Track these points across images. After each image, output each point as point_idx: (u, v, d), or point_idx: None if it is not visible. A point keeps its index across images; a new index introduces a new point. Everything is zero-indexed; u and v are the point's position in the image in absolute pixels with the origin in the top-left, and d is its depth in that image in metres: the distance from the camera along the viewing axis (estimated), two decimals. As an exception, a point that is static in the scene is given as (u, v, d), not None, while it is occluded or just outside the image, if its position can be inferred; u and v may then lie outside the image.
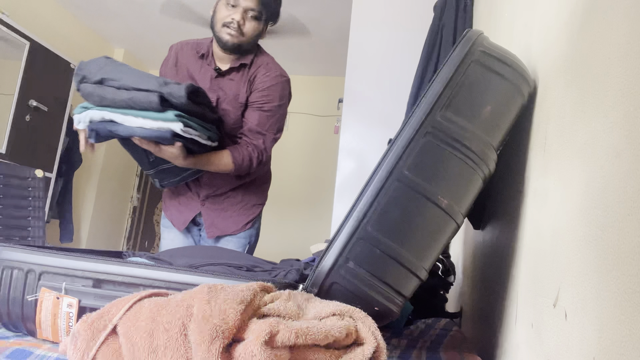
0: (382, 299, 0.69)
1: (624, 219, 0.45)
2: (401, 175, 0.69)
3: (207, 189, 1.71)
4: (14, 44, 3.13)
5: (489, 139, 0.74)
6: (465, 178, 0.73)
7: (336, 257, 0.67)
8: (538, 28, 0.84)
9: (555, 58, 0.73)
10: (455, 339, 1.01)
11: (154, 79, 1.29)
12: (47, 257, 0.75)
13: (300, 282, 0.78)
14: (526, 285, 0.74)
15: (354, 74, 2.34)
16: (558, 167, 0.65)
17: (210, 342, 0.50)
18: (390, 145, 0.72)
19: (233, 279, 0.71)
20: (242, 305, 0.54)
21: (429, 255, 0.72)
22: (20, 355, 0.67)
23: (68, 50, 3.69)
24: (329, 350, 0.55)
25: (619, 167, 0.47)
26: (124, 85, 1.27)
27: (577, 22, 0.64)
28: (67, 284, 0.72)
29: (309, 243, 5.14)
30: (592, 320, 0.49)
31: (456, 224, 0.73)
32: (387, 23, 2.35)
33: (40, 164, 3.25)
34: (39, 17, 3.59)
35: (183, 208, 1.74)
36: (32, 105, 3.21)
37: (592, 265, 0.51)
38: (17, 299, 0.74)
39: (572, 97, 0.63)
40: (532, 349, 0.67)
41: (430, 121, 0.71)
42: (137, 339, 0.55)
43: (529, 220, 0.76)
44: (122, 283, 0.72)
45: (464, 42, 0.76)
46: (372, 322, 0.58)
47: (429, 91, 0.73)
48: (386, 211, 0.68)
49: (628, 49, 0.48)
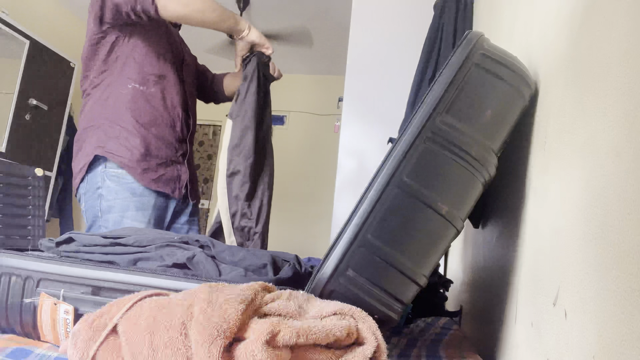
0: (382, 307, 0.69)
1: (624, 218, 0.45)
2: (401, 181, 0.68)
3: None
4: (13, 43, 3.12)
5: (489, 143, 0.74)
6: (465, 184, 0.73)
7: (335, 265, 0.67)
8: (538, 27, 0.84)
9: (556, 57, 0.73)
10: (455, 338, 1.01)
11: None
12: (46, 263, 0.75)
13: (294, 279, 0.78)
14: (526, 284, 0.74)
15: (354, 73, 2.34)
16: (558, 166, 0.65)
17: (210, 342, 0.50)
18: (390, 151, 0.71)
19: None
20: (243, 304, 0.54)
21: (429, 262, 0.72)
22: (20, 354, 0.67)
23: (68, 49, 3.68)
24: (329, 350, 0.55)
25: (619, 167, 0.48)
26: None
27: (577, 22, 0.64)
28: (65, 291, 0.72)
29: (309, 242, 5.15)
30: (592, 319, 0.50)
31: (456, 229, 0.73)
32: (387, 22, 2.35)
33: (40, 163, 3.25)
34: (38, 16, 3.59)
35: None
36: (32, 104, 3.21)
37: (592, 264, 0.51)
38: (16, 305, 0.74)
39: (572, 96, 0.63)
40: (532, 348, 0.67)
41: (430, 126, 0.70)
42: (137, 339, 0.55)
43: (528, 219, 0.77)
44: (121, 290, 0.72)
45: (465, 44, 0.75)
46: (373, 322, 0.58)
47: (429, 95, 0.72)
48: (386, 218, 0.68)
49: (628, 48, 0.48)
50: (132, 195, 1.43)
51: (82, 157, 1.45)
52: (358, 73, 2.34)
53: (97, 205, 1.43)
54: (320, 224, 4.47)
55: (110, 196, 1.42)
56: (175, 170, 1.53)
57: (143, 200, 1.45)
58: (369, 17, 2.38)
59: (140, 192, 1.44)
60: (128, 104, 1.44)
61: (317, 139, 4.97)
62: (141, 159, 1.43)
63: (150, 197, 1.46)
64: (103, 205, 1.43)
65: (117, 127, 1.43)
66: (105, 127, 1.43)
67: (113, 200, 1.42)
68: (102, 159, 1.43)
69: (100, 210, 1.43)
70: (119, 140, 1.42)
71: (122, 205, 1.43)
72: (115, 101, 1.44)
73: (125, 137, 1.42)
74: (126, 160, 1.42)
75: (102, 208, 1.43)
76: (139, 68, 1.46)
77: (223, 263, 0.83)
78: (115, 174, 1.43)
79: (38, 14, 3.59)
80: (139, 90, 1.45)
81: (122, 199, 1.42)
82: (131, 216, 1.43)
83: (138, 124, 1.44)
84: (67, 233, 0.89)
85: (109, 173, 1.43)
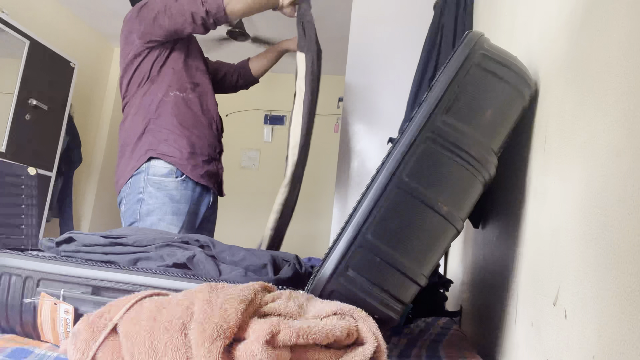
0: (382, 307, 0.68)
1: (624, 218, 0.45)
2: (401, 181, 0.68)
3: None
4: (13, 43, 3.12)
5: (489, 143, 0.74)
6: (465, 184, 0.72)
7: (335, 265, 0.67)
8: (538, 27, 0.84)
9: (556, 57, 0.73)
10: (455, 338, 1.01)
11: None
12: (46, 263, 0.75)
13: (294, 279, 0.78)
14: (526, 284, 0.74)
15: (354, 73, 2.34)
16: (558, 166, 0.65)
17: (211, 342, 0.50)
18: (390, 150, 0.71)
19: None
20: (243, 304, 0.54)
21: (429, 262, 0.72)
22: (20, 354, 0.67)
23: (68, 49, 3.68)
24: (329, 350, 0.55)
25: (619, 166, 0.48)
26: None
27: (578, 21, 0.64)
28: (65, 291, 0.72)
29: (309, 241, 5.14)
30: (592, 319, 0.50)
31: (456, 229, 0.73)
32: (387, 21, 2.35)
33: (40, 163, 3.25)
34: (38, 16, 3.59)
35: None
36: (31, 104, 3.20)
37: (592, 264, 0.51)
38: (16, 305, 0.74)
39: (572, 96, 0.63)
40: (532, 348, 0.67)
41: (430, 126, 0.70)
42: (137, 339, 0.55)
43: (528, 219, 0.76)
44: (121, 290, 0.72)
45: (465, 44, 0.75)
46: (373, 322, 0.58)
47: (429, 95, 0.72)
48: (386, 218, 0.68)
49: (628, 47, 0.48)
50: (170, 201, 1.57)
51: (134, 159, 1.59)
52: (358, 73, 2.34)
53: (137, 208, 1.57)
54: (320, 224, 4.47)
55: (151, 201, 1.56)
56: (215, 166, 1.69)
57: (180, 206, 1.59)
58: (369, 17, 2.38)
59: (177, 199, 1.58)
60: (171, 109, 1.60)
61: (317, 139, 4.95)
62: (189, 157, 1.58)
63: (185, 205, 1.60)
64: (143, 208, 1.57)
65: (165, 130, 1.58)
66: (154, 132, 1.58)
67: (153, 205, 1.56)
68: (145, 168, 1.57)
69: (139, 213, 1.57)
70: (168, 142, 1.58)
71: (161, 209, 1.56)
72: (158, 108, 1.60)
73: (173, 140, 1.58)
74: (177, 159, 1.57)
75: (141, 211, 1.57)
76: (178, 77, 1.63)
77: (223, 263, 0.83)
78: (157, 181, 1.57)
79: (38, 14, 3.59)
80: (179, 97, 1.62)
81: (161, 204, 1.56)
82: (168, 220, 1.56)
83: (182, 127, 1.60)
84: (67, 233, 0.89)
85: (151, 180, 1.57)
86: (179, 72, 1.63)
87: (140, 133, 1.59)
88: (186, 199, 1.59)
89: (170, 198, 1.57)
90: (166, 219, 1.56)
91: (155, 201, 1.56)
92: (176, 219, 1.57)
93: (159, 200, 1.56)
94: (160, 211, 1.56)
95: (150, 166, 1.57)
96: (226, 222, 4.73)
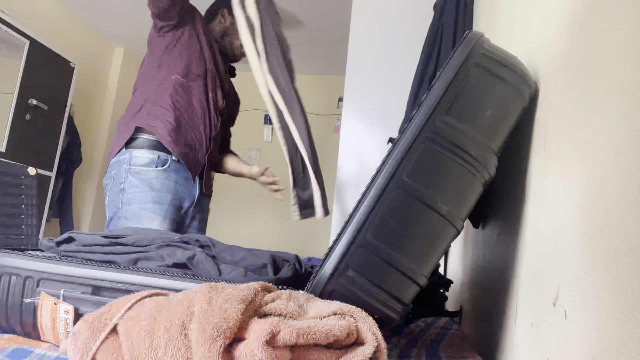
0: (382, 307, 0.68)
1: (624, 218, 0.45)
2: (401, 181, 0.68)
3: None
4: (13, 43, 3.12)
5: (489, 143, 0.74)
6: (465, 184, 0.72)
7: (335, 265, 0.67)
8: (538, 27, 0.84)
9: (556, 57, 0.73)
10: (455, 338, 1.01)
11: None
12: (46, 263, 0.75)
13: (294, 279, 0.78)
14: (526, 284, 0.74)
15: (354, 73, 2.34)
16: (558, 166, 0.65)
17: (211, 342, 0.50)
18: (390, 151, 0.71)
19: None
20: (243, 304, 0.54)
21: (429, 262, 0.72)
22: (20, 354, 0.67)
23: (68, 49, 3.68)
24: (329, 350, 0.55)
25: (619, 166, 0.48)
26: None
27: (578, 21, 0.64)
28: (65, 291, 0.72)
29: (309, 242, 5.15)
30: (592, 319, 0.50)
31: (456, 229, 0.73)
32: (387, 21, 2.35)
33: (40, 163, 3.25)
34: (38, 16, 3.59)
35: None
36: (32, 104, 3.20)
37: (592, 264, 0.51)
38: (16, 305, 0.74)
39: (572, 96, 0.63)
40: (532, 348, 0.67)
41: (429, 126, 0.70)
42: (137, 338, 0.55)
43: (528, 219, 0.77)
44: (121, 290, 0.72)
45: (465, 44, 0.75)
46: (373, 322, 0.58)
47: (429, 96, 0.72)
48: (386, 218, 0.68)
49: (628, 47, 0.48)
50: (150, 189, 1.59)
51: (125, 132, 1.64)
52: (358, 73, 2.33)
53: (119, 198, 1.59)
54: (320, 224, 4.46)
55: (132, 190, 1.59)
56: (196, 155, 1.70)
57: (161, 195, 1.61)
58: (369, 17, 2.38)
59: (158, 188, 1.60)
60: (169, 89, 1.66)
61: (317, 139, 4.94)
62: (172, 130, 1.61)
63: (166, 194, 1.62)
64: (124, 198, 1.59)
65: (158, 107, 1.64)
66: (149, 107, 1.64)
67: (133, 194, 1.58)
68: (128, 154, 1.61)
69: (121, 203, 1.59)
70: (158, 117, 1.63)
71: (141, 198, 1.58)
72: (159, 87, 1.66)
73: (163, 114, 1.63)
74: (159, 129, 1.60)
75: (123, 200, 1.59)
76: (185, 64, 1.69)
77: (223, 263, 0.83)
78: (137, 171, 1.59)
79: (38, 14, 3.59)
80: (180, 80, 1.68)
81: (141, 192, 1.58)
82: (149, 208, 1.58)
83: (174, 107, 1.64)
84: (67, 233, 0.89)
85: (132, 170, 1.60)
86: (186, 60, 1.69)
87: (137, 110, 1.66)
88: (167, 189, 1.62)
89: (150, 187, 1.60)
90: (147, 207, 1.59)
91: (136, 190, 1.59)
92: (158, 208, 1.60)
93: (139, 189, 1.59)
94: (141, 200, 1.59)
95: (132, 157, 1.61)
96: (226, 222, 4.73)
